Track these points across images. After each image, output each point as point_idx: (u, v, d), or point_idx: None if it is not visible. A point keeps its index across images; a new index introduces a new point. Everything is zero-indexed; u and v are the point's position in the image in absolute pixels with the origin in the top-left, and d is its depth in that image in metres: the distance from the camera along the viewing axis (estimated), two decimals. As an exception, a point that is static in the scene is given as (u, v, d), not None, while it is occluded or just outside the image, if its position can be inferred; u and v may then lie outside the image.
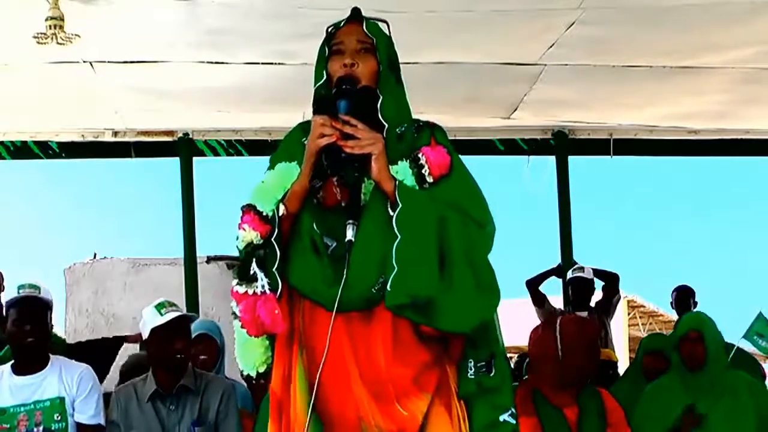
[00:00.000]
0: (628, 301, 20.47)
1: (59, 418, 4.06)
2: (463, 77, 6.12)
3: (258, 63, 5.87)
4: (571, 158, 7.45)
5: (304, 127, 2.65)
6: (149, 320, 4.29)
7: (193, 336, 4.86)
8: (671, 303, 7.34)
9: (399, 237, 2.37)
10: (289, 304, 2.51)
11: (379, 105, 2.53)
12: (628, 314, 21.18)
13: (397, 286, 2.35)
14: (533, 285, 7.29)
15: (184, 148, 7.25)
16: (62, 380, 4.10)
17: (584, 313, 6.69)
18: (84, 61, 5.76)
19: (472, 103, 6.71)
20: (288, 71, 5.89)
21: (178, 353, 4.26)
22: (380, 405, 2.41)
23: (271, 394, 2.54)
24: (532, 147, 7.49)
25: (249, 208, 2.51)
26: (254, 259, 2.46)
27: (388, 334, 2.43)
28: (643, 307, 22.02)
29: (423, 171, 2.49)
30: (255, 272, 2.45)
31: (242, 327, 2.50)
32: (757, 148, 7.59)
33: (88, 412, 4.13)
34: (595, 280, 7.18)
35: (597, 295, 7.33)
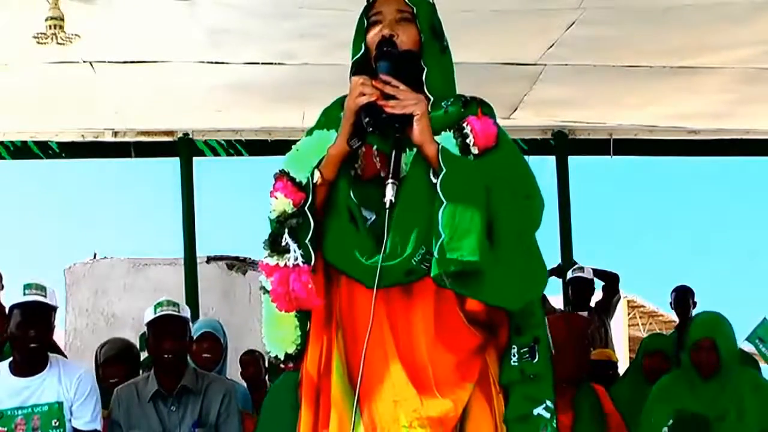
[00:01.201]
0: (628, 301, 20.45)
1: (57, 423, 4.03)
2: (463, 77, 6.09)
3: (258, 63, 5.87)
4: (571, 158, 7.45)
5: (342, 102, 2.45)
6: (145, 317, 4.34)
7: (197, 334, 4.87)
8: (671, 303, 7.34)
9: (445, 202, 2.21)
10: (325, 281, 2.37)
11: (424, 76, 2.41)
12: (628, 314, 21.17)
13: (444, 253, 2.19)
14: None
15: (184, 148, 7.25)
16: (61, 383, 4.08)
17: (584, 313, 6.69)
18: (84, 61, 5.76)
19: (472, 103, 6.70)
20: (288, 71, 5.89)
21: (166, 353, 4.26)
22: (419, 391, 2.26)
23: (305, 377, 2.39)
24: (532, 147, 7.48)
25: (282, 174, 2.33)
26: (287, 229, 2.28)
27: (430, 314, 2.29)
28: (643, 307, 22.01)
29: (468, 141, 2.33)
30: (287, 243, 2.27)
31: (273, 301, 2.31)
32: (757, 148, 7.59)
33: (85, 417, 4.09)
34: (595, 280, 7.18)
35: (597, 295, 7.33)
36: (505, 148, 2.39)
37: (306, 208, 2.30)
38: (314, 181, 2.32)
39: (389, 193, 2.23)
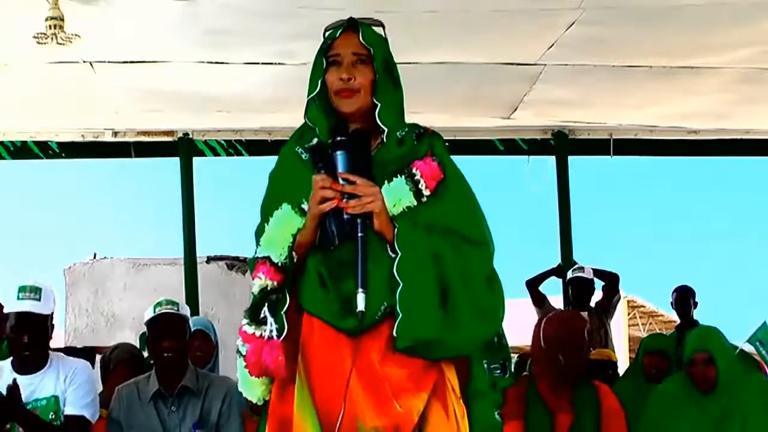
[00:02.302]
0: (628, 301, 20.45)
1: (54, 416, 4.04)
2: (463, 77, 6.12)
3: (258, 63, 5.88)
4: (571, 158, 7.45)
5: (297, 136, 2.75)
6: (145, 317, 4.34)
7: None
8: (671, 303, 7.33)
9: (401, 284, 2.52)
10: (298, 315, 2.64)
11: (377, 111, 2.63)
12: (628, 314, 21.17)
13: (403, 333, 2.51)
14: (533, 285, 7.30)
15: (184, 148, 7.25)
16: (58, 378, 4.09)
17: (584, 313, 6.69)
18: (84, 61, 5.76)
19: (472, 103, 6.71)
20: (288, 71, 5.89)
21: (165, 352, 4.26)
22: (376, 402, 2.52)
23: (270, 405, 2.67)
24: (532, 147, 7.49)
25: (264, 260, 2.62)
26: (266, 303, 2.61)
27: (383, 340, 2.56)
28: (643, 307, 22.02)
29: (420, 186, 2.59)
30: (265, 316, 2.60)
31: (245, 367, 2.64)
32: (757, 148, 7.60)
33: (76, 403, 4.03)
34: (595, 280, 7.18)
35: (597, 296, 7.33)
36: (455, 184, 2.66)
37: (285, 288, 2.61)
38: (292, 262, 2.62)
39: (360, 305, 2.51)
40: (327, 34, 2.75)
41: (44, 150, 7.28)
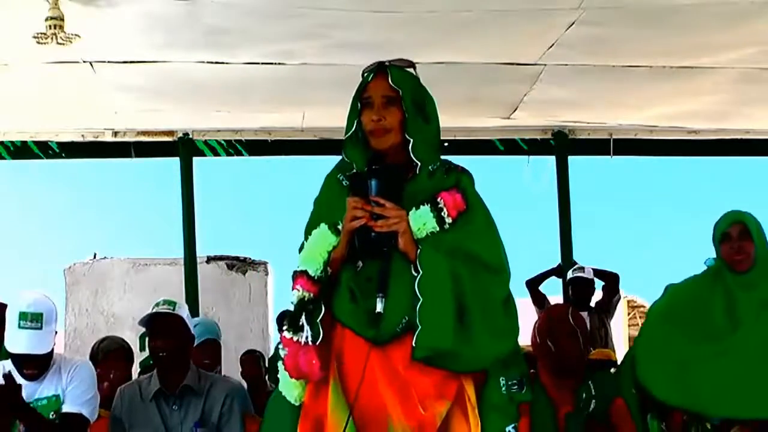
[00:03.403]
0: (628, 301, 20.46)
1: (54, 416, 4.05)
2: (463, 77, 6.12)
3: (258, 63, 5.88)
4: (571, 158, 7.45)
5: (339, 166, 3.05)
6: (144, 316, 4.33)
7: (199, 341, 4.86)
8: (671, 303, 7.33)
9: (421, 300, 2.78)
10: (332, 325, 2.93)
11: (410, 147, 2.90)
12: (628, 314, 21.18)
13: (421, 343, 2.77)
14: (533, 285, 7.31)
15: (184, 148, 7.25)
16: (60, 378, 4.10)
17: (584, 313, 6.69)
18: (84, 61, 5.76)
19: (472, 103, 6.71)
20: (288, 71, 5.90)
21: (159, 351, 4.27)
22: (404, 405, 2.78)
23: (304, 406, 2.94)
24: (532, 147, 7.49)
25: (302, 273, 2.92)
26: (304, 312, 2.88)
27: (407, 351, 2.82)
28: (643, 307, 21.98)
29: (442, 214, 2.86)
30: (303, 323, 2.87)
31: (285, 369, 2.93)
32: (757, 148, 7.60)
33: (75, 400, 4.03)
34: (595, 280, 7.19)
35: (597, 295, 7.33)
36: (477, 214, 2.94)
37: (321, 299, 2.89)
38: (327, 276, 2.91)
39: (379, 307, 2.80)
40: (362, 77, 3.00)
41: (44, 150, 7.29)
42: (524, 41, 5.63)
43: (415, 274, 2.82)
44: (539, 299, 7.27)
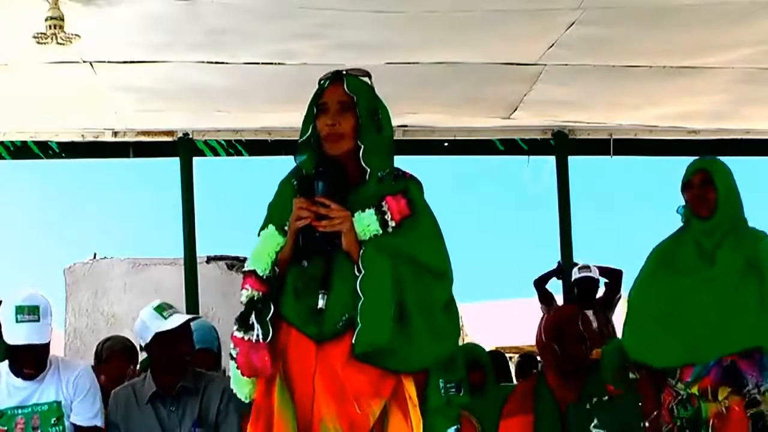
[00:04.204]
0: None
1: (56, 422, 4.05)
2: (463, 77, 6.12)
3: (258, 63, 5.87)
4: (571, 158, 7.44)
5: (293, 172, 3.13)
6: (153, 324, 4.25)
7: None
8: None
9: (362, 299, 2.86)
10: (279, 324, 3.00)
11: (361, 153, 2.98)
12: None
13: (360, 339, 2.85)
14: (540, 284, 7.37)
15: (184, 148, 7.24)
16: (60, 382, 4.09)
17: (590, 312, 6.70)
18: (84, 61, 5.76)
19: (472, 103, 6.71)
20: (288, 71, 5.89)
21: (186, 355, 4.30)
22: (337, 403, 2.88)
23: (256, 403, 3.01)
24: (532, 147, 7.49)
25: (251, 273, 3.03)
26: (254, 311, 2.98)
27: (345, 349, 2.90)
28: (643, 306, 21.99)
29: (386, 217, 2.95)
30: (253, 322, 2.96)
31: (237, 368, 3.01)
32: (757, 148, 7.59)
33: (86, 414, 4.09)
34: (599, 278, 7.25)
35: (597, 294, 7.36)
36: (423, 220, 3.02)
37: (269, 298, 2.98)
38: (275, 275, 3.00)
39: (321, 303, 2.90)
40: (319, 84, 3.11)
41: (44, 150, 7.27)
42: (524, 41, 5.62)
43: (358, 274, 2.89)
44: (547, 297, 7.34)
